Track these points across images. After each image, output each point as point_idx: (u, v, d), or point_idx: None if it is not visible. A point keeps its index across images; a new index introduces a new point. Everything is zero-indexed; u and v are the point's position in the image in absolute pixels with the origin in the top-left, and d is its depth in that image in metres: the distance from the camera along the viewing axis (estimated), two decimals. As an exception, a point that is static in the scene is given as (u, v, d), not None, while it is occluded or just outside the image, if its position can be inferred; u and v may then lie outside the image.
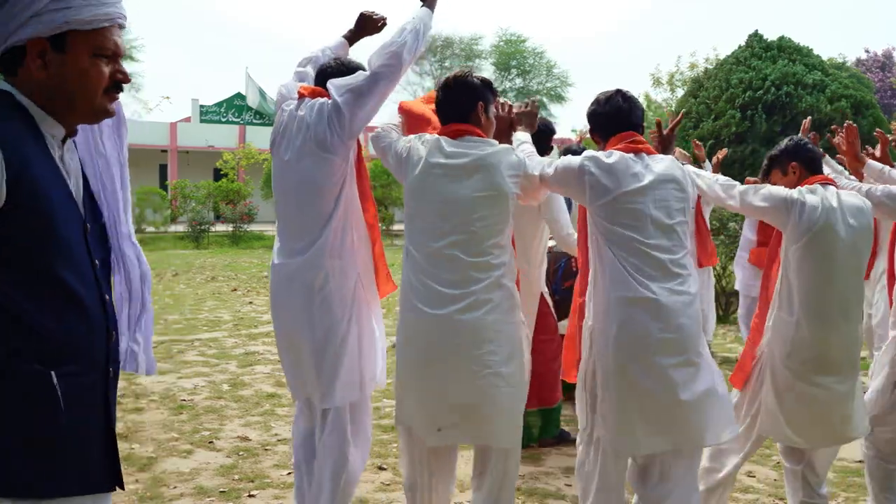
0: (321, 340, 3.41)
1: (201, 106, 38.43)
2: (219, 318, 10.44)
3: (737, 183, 3.69)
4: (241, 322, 10.17)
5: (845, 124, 3.92)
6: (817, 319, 3.42)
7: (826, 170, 4.02)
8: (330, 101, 3.35)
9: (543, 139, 4.88)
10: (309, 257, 3.40)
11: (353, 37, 4.00)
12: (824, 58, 16.45)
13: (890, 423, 3.86)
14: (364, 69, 3.44)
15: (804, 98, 13.46)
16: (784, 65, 14.11)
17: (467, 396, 3.16)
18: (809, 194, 3.47)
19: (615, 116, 3.42)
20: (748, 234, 7.70)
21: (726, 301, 10.79)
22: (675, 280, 3.16)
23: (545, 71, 58.76)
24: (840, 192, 3.56)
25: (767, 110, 13.49)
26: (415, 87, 59.65)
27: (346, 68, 3.54)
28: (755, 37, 15.17)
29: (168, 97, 77.22)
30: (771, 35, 15.37)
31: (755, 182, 4.18)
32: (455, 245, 3.14)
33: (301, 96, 3.53)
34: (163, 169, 36.67)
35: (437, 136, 3.31)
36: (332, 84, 3.37)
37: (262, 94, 37.51)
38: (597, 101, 3.49)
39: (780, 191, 3.52)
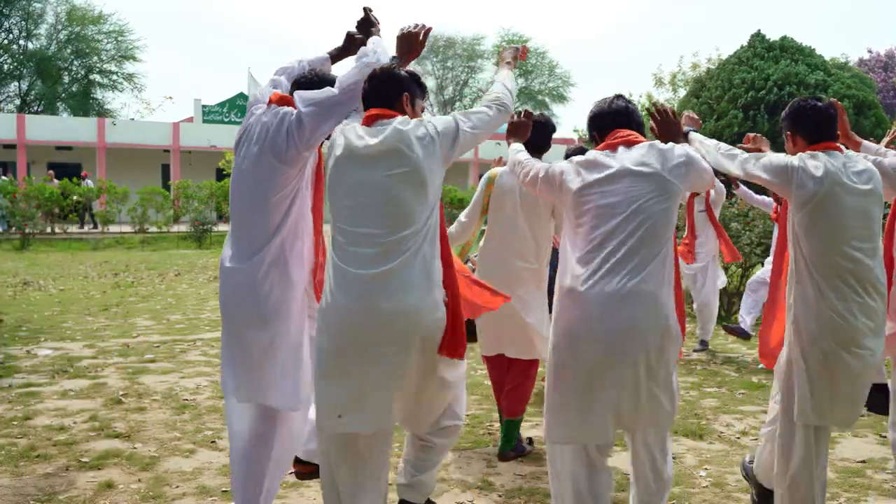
0: (269, 345, 3.41)
1: (203, 106, 38.46)
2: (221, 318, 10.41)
3: (739, 151, 3.66)
4: (243, 322, 10.15)
5: (830, 100, 3.81)
6: (834, 290, 3.38)
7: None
8: (293, 112, 3.32)
9: (543, 134, 4.84)
10: (254, 264, 3.38)
11: (338, 55, 3.97)
12: (827, 58, 16.43)
13: None
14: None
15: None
16: (786, 65, 14.10)
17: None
18: (811, 160, 3.43)
19: (610, 117, 3.53)
20: None
21: (728, 301, 10.78)
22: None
23: (547, 71, 58.81)
24: (846, 156, 3.51)
25: (770, 110, 13.47)
26: (417, 87, 59.74)
27: (319, 80, 3.51)
28: (757, 37, 15.16)
29: (170, 97, 77.57)
30: (773, 35, 15.40)
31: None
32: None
33: (269, 102, 3.49)
34: (165, 169, 36.71)
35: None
36: (299, 95, 3.34)
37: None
38: (598, 105, 3.60)
39: (780, 159, 3.48)
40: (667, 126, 3.58)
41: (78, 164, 34.92)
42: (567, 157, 4.51)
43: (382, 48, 3.53)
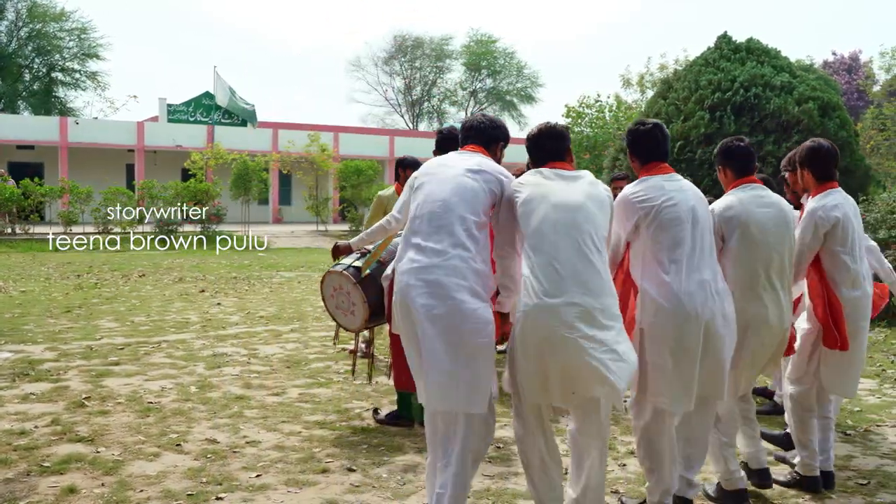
0: None
1: (169, 105, 38.16)
2: (186, 320, 10.32)
3: None
4: (209, 323, 10.07)
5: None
6: None
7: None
8: (496, 172, 3.83)
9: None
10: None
11: None
12: (792, 60, 16.61)
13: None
14: (504, 127, 4.18)
15: (772, 100, 13.55)
16: (752, 66, 14.20)
17: None
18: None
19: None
20: None
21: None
22: None
23: (515, 71, 58.99)
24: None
25: (736, 112, 13.56)
26: (385, 87, 59.65)
27: (497, 126, 4.14)
28: (724, 38, 15.26)
29: (135, 96, 76.72)
30: (740, 37, 15.48)
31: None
32: None
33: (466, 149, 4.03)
34: (129, 169, 36.35)
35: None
36: (498, 170, 3.85)
37: (231, 91, 37.23)
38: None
39: None
40: None
41: (40, 163, 34.46)
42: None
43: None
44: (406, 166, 7.77)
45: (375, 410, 5.93)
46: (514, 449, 5.16)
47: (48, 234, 23.78)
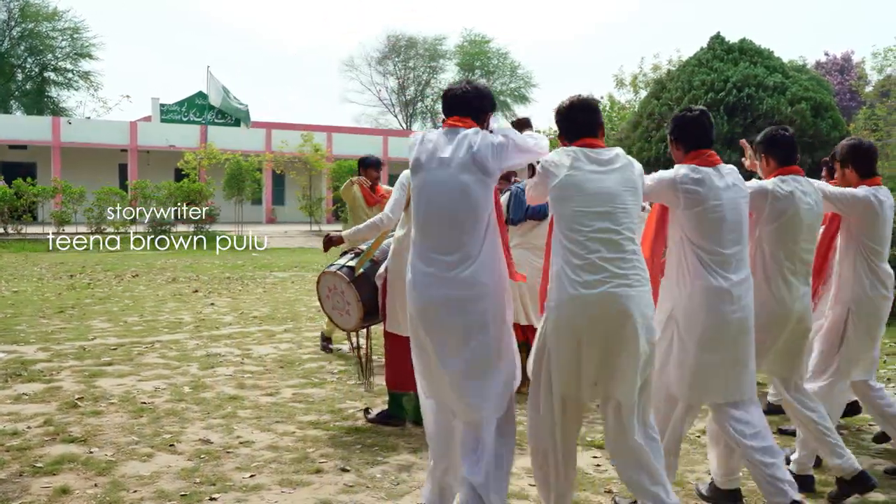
0: None
1: (162, 105, 38.06)
2: (180, 320, 10.31)
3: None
4: (202, 324, 10.05)
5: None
6: None
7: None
8: (494, 134, 3.63)
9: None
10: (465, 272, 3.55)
11: None
12: (785, 60, 16.63)
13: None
14: (491, 96, 3.88)
15: (765, 100, 13.56)
16: (745, 67, 14.21)
17: None
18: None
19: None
20: None
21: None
22: None
23: (509, 71, 58.99)
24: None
25: (729, 112, 13.57)
26: (378, 87, 59.63)
27: (483, 95, 3.83)
28: (717, 39, 15.27)
29: (128, 96, 76.50)
30: (733, 37, 15.50)
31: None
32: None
33: (451, 126, 3.71)
34: (122, 169, 36.27)
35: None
36: (500, 128, 3.69)
37: (225, 91, 37.20)
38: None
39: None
40: None
41: (32, 163, 34.36)
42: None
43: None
44: (367, 166, 7.98)
45: (366, 410, 5.95)
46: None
47: (44, 234, 23.74)
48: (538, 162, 3.71)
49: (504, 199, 6.52)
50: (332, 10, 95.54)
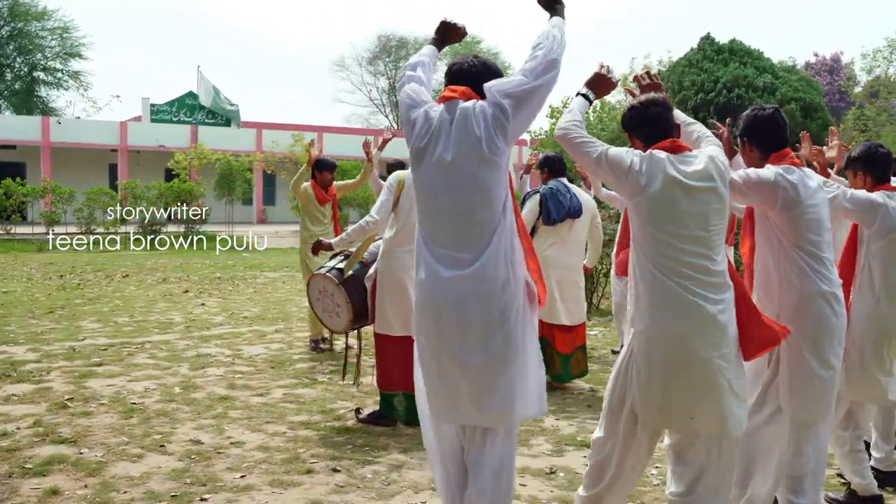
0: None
1: (152, 105, 37.98)
2: (170, 320, 10.28)
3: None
4: (193, 324, 10.03)
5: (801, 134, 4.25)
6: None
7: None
8: (490, 105, 3.20)
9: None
10: (481, 266, 3.20)
11: (438, 45, 3.81)
12: (774, 61, 16.70)
13: None
14: (500, 72, 3.39)
15: (755, 101, 13.64)
16: (735, 67, 14.31)
17: None
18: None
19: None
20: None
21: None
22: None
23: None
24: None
25: (719, 112, 13.64)
26: (370, 87, 59.62)
27: (491, 70, 3.41)
28: (707, 40, 15.37)
29: (118, 96, 76.29)
30: (723, 38, 15.58)
31: None
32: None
33: (448, 99, 3.32)
34: (112, 169, 36.17)
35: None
36: (492, 88, 3.22)
37: (215, 91, 37.13)
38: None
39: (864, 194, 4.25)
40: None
41: (22, 163, 34.24)
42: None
43: (561, 34, 3.39)
44: (323, 168, 8.10)
45: (357, 410, 5.97)
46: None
47: (34, 234, 23.61)
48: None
49: (534, 201, 6.64)
50: (327, 11, 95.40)
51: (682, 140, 3.49)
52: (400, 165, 6.69)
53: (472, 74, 3.38)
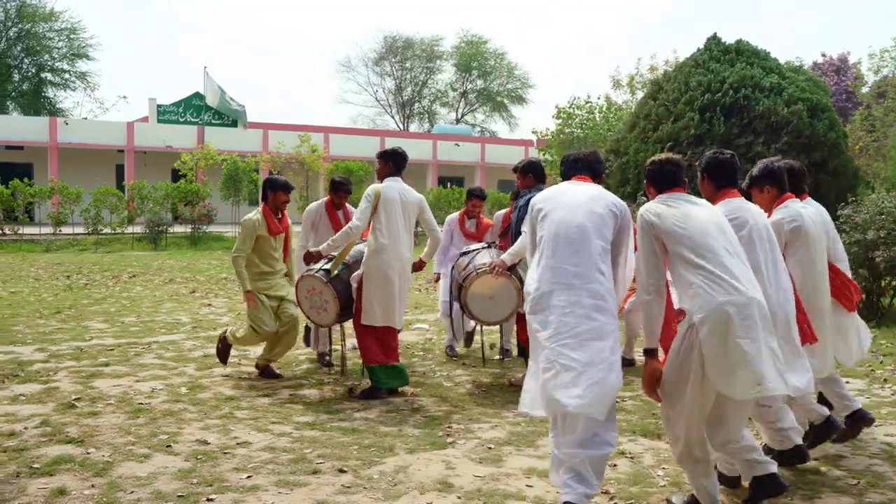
0: None
1: (159, 106, 38.01)
2: (177, 321, 10.30)
3: None
4: (199, 324, 10.05)
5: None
6: None
7: None
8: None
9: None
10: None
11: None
12: (781, 61, 16.64)
13: None
14: None
15: (761, 101, 13.59)
16: (742, 68, 14.24)
17: None
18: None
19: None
20: None
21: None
22: None
23: (506, 72, 58.97)
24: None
25: (726, 113, 13.58)
26: (376, 88, 59.64)
27: None
28: (713, 40, 15.31)
29: (125, 97, 76.38)
30: (729, 38, 15.52)
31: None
32: None
33: None
34: (119, 169, 36.22)
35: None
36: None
37: (222, 92, 37.16)
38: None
39: None
40: None
41: (29, 164, 34.33)
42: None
43: None
44: (276, 188, 7.10)
45: (350, 390, 6.68)
46: (506, 450, 5.19)
47: (41, 235, 23.65)
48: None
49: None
50: (331, 11, 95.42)
51: None
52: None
53: (589, 163, 4.54)
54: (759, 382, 3.73)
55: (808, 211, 4.99)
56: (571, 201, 4.21)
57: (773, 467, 4.06)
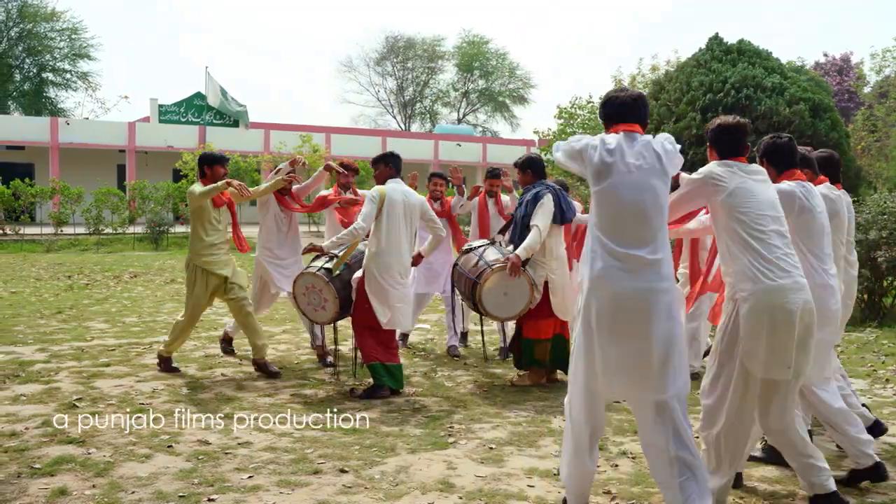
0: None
1: (160, 106, 38.02)
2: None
3: None
4: (200, 325, 10.04)
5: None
6: None
7: None
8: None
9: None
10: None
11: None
12: (783, 61, 16.66)
13: None
14: None
15: (763, 101, 13.61)
16: (744, 68, 14.26)
17: None
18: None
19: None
20: None
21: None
22: None
23: (508, 72, 58.95)
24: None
25: (727, 113, 13.54)
26: (377, 88, 59.65)
27: None
28: (715, 40, 15.33)
29: (126, 97, 76.29)
30: (731, 38, 15.54)
31: None
32: None
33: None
34: (121, 169, 36.22)
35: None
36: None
37: (223, 92, 37.16)
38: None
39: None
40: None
41: (30, 164, 34.34)
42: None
43: None
44: (213, 163, 7.29)
45: (352, 391, 6.66)
46: (507, 450, 5.18)
47: (42, 235, 23.65)
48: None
49: (550, 199, 6.68)
50: (332, 11, 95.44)
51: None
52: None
53: (637, 108, 4.06)
54: (789, 366, 3.88)
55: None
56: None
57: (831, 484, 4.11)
